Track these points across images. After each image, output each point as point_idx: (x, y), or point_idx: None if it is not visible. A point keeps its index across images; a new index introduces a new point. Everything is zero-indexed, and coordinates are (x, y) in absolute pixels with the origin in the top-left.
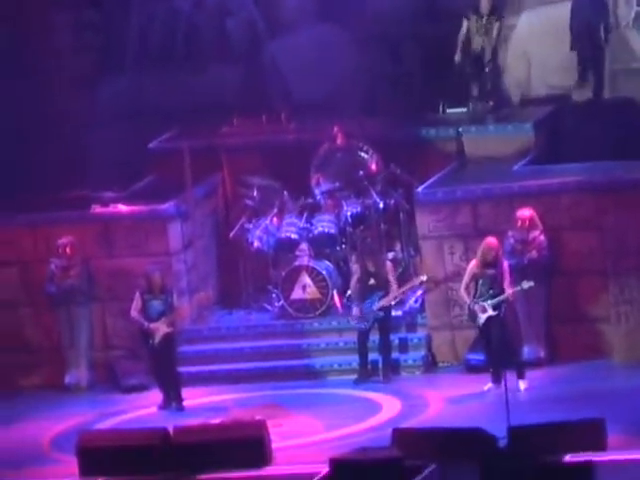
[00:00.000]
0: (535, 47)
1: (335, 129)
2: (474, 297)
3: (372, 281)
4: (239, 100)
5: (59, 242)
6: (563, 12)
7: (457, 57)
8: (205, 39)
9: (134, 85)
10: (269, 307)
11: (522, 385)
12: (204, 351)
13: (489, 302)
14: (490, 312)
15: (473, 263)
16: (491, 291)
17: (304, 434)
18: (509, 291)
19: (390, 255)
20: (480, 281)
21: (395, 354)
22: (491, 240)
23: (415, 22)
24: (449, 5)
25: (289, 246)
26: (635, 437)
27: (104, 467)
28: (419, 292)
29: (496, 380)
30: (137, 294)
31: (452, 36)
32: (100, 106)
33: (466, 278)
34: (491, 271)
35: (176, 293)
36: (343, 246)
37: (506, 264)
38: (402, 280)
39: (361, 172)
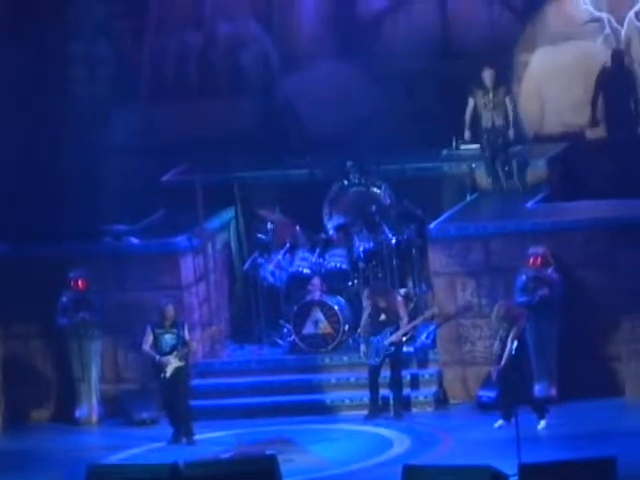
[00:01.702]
0: (549, 84)
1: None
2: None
3: (383, 317)
4: (253, 134)
5: (71, 275)
6: (578, 50)
7: (466, 134)
8: (218, 73)
9: (147, 118)
10: (281, 342)
11: (542, 424)
12: (215, 385)
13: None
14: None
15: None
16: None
17: (315, 469)
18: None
19: (402, 291)
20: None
21: (406, 390)
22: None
23: (430, 59)
24: (464, 43)
25: (301, 281)
26: None
27: None
28: (431, 328)
29: (507, 417)
30: (148, 328)
31: (466, 73)
32: (112, 138)
33: None
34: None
35: (188, 327)
36: (355, 281)
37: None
38: (414, 316)
39: (374, 207)
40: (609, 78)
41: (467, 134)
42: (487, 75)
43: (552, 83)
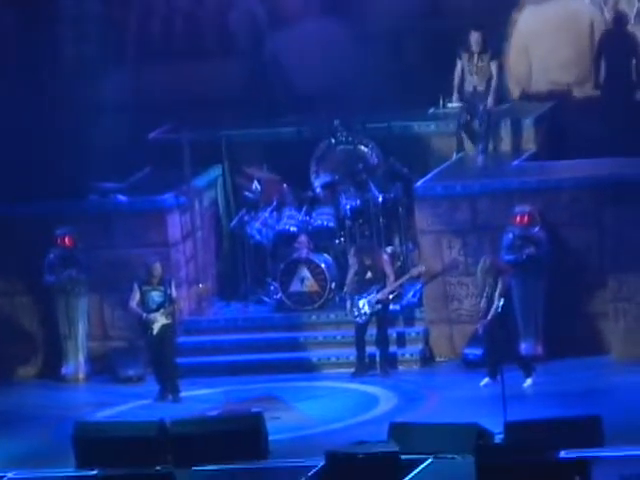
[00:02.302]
0: (537, 43)
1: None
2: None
3: (369, 275)
4: (240, 93)
5: (58, 232)
6: (565, 8)
7: (454, 97)
8: (206, 32)
9: (135, 76)
10: (267, 299)
11: (528, 382)
12: (202, 342)
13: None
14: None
15: None
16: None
17: (301, 427)
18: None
19: (389, 249)
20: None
21: (393, 348)
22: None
23: (417, 16)
24: (452, 0)
25: (288, 239)
26: (631, 434)
27: (100, 458)
28: (417, 286)
29: (493, 375)
30: (135, 285)
31: (454, 31)
32: (101, 97)
33: None
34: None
35: (175, 284)
36: (342, 239)
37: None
38: (401, 274)
39: (361, 165)
40: (600, 37)
41: (455, 96)
42: (473, 38)
43: (540, 41)
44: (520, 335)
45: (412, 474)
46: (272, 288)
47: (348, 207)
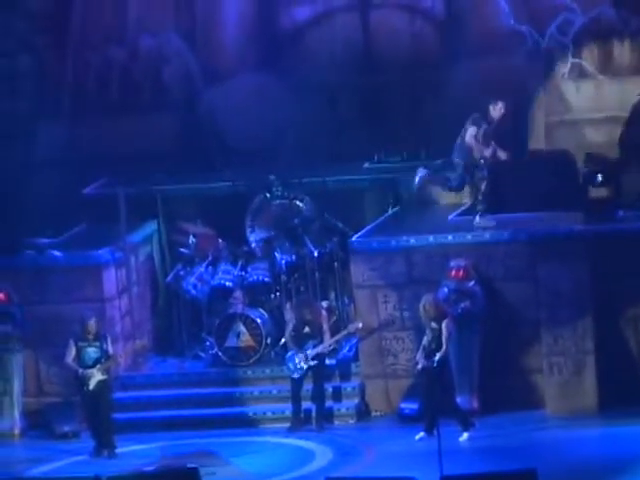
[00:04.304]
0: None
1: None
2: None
3: (307, 329)
4: (175, 148)
5: None
6: (495, 67)
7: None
8: (140, 87)
9: (69, 132)
10: (203, 354)
11: (464, 437)
12: (138, 398)
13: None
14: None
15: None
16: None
17: None
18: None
19: (324, 304)
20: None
21: (329, 403)
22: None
23: (352, 72)
24: (386, 56)
25: (224, 294)
26: None
27: None
28: (353, 340)
29: (429, 429)
30: (71, 341)
31: (388, 86)
32: (36, 152)
33: None
34: (434, 325)
35: (110, 339)
36: (277, 294)
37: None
38: (336, 328)
39: (296, 220)
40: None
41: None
42: (499, 108)
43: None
44: (456, 389)
45: None
46: (208, 343)
47: (283, 262)
